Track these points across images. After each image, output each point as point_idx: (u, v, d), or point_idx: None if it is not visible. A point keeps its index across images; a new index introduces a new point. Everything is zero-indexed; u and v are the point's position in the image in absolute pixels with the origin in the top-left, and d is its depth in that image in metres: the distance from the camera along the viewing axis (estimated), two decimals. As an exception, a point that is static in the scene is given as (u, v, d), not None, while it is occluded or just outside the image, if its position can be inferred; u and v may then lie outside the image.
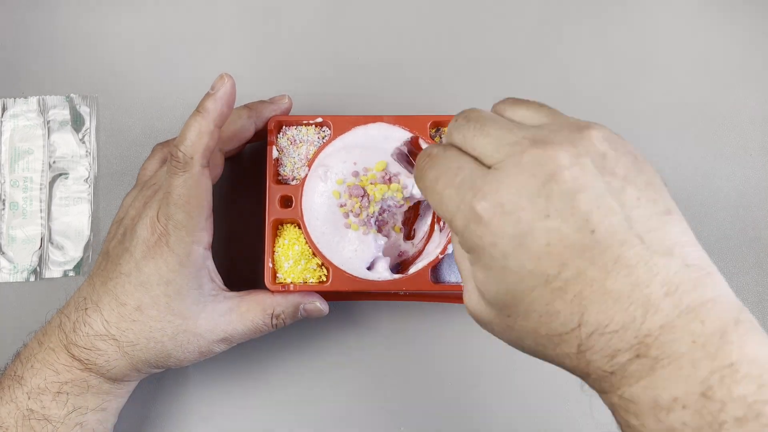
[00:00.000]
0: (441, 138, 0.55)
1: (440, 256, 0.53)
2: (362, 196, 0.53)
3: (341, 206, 0.53)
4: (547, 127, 0.37)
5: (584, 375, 0.36)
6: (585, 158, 0.35)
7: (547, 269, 0.35)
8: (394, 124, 0.54)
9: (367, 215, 0.53)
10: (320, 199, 0.53)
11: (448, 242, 0.53)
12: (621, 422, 0.35)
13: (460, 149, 0.39)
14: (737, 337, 0.32)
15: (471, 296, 0.39)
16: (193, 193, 0.48)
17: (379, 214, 0.54)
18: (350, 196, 0.53)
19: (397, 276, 0.53)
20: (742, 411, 0.31)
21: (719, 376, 0.32)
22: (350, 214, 0.53)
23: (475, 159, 0.38)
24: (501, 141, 0.37)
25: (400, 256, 0.55)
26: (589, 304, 0.34)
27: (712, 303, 0.33)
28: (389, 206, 0.54)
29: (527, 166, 0.35)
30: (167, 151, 0.56)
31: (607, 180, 0.35)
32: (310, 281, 0.53)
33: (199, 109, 0.48)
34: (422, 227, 0.56)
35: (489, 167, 0.37)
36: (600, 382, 0.35)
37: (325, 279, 0.53)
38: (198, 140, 0.47)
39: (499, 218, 0.35)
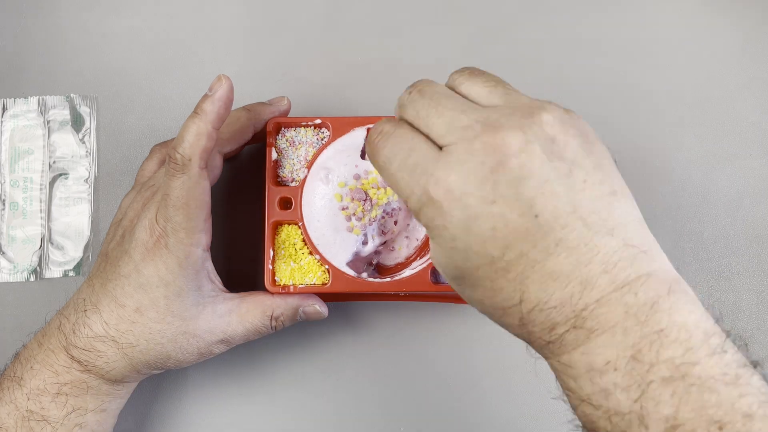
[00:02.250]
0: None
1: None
2: (365, 200, 0.53)
3: (343, 209, 0.53)
4: (500, 110, 0.39)
5: (528, 342, 0.39)
6: (533, 144, 0.37)
7: (492, 251, 0.37)
8: (393, 124, 0.54)
9: (369, 219, 0.53)
10: (321, 201, 0.53)
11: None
12: (562, 384, 0.38)
13: (411, 125, 0.40)
14: (668, 306, 0.35)
15: (432, 257, 0.41)
16: (191, 194, 0.48)
17: (381, 218, 0.54)
18: (353, 199, 0.53)
19: (397, 277, 0.52)
20: (669, 372, 0.34)
21: (649, 341, 0.35)
22: (353, 218, 0.53)
23: (427, 137, 0.39)
24: (453, 123, 0.39)
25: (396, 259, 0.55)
26: (531, 283, 0.37)
27: (646, 276, 0.36)
28: (393, 210, 0.54)
29: (477, 152, 0.37)
30: (165, 152, 0.56)
31: (554, 165, 0.37)
32: (310, 283, 0.53)
33: (196, 111, 0.48)
34: (422, 229, 0.56)
35: (440, 147, 0.39)
36: (542, 350, 0.39)
37: (325, 281, 0.53)
38: (196, 142, 0.47)
39: (449, 203, 0.38)
